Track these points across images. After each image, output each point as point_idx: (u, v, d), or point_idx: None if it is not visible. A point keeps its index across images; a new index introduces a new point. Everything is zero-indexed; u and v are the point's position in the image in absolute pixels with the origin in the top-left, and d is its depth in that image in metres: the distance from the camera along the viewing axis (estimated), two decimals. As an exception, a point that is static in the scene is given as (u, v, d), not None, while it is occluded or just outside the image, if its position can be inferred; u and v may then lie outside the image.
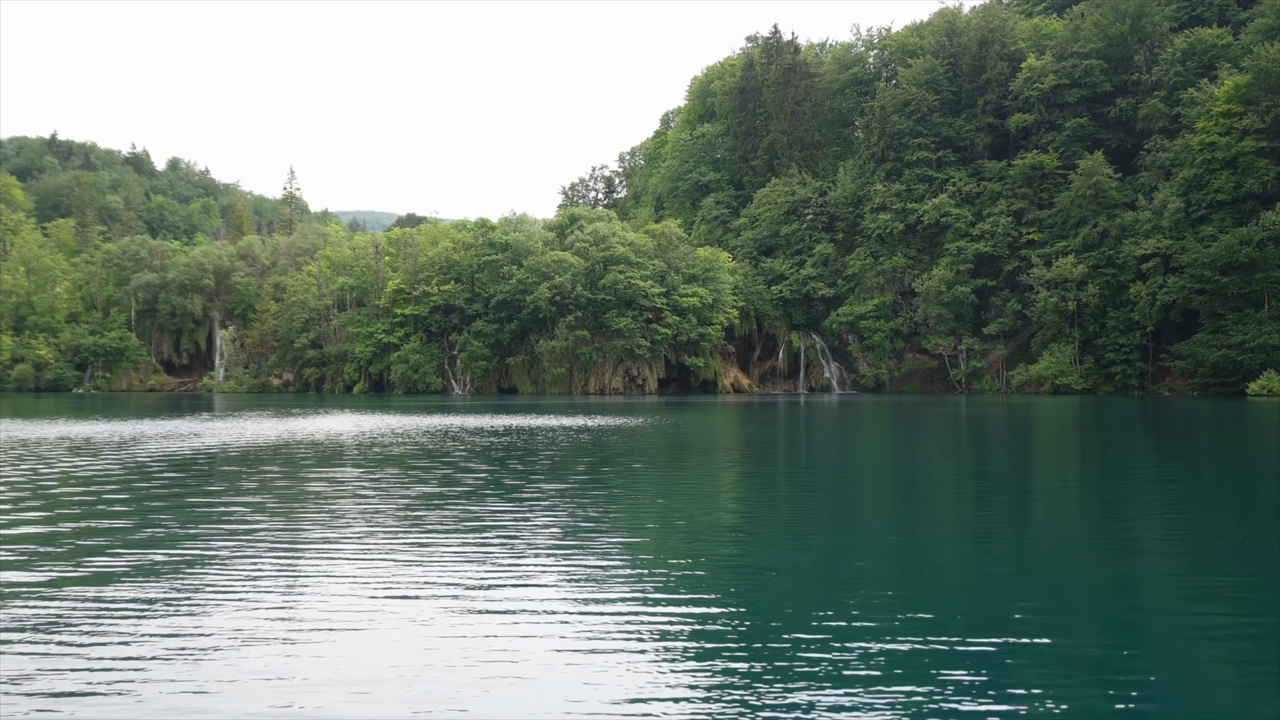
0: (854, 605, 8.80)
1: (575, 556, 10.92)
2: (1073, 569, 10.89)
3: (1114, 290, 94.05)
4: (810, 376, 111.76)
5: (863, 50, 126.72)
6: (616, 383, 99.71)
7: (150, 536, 12.53)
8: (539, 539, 12.16)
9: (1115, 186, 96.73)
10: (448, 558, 10.98)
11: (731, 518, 14.60)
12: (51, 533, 12.94)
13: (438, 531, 12.75)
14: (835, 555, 11.68)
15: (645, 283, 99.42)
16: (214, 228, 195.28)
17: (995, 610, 8.80)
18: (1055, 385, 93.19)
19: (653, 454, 26.45)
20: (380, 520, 13.71)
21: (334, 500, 16.08)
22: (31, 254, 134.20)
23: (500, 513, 14.45)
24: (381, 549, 11.63)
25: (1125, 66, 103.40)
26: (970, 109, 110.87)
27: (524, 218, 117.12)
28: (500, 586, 9.47)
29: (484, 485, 18.16)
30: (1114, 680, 6.81)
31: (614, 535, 12.40)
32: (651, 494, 17.46)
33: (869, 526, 13.94)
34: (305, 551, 11.54)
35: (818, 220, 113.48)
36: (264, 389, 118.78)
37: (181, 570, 10.49)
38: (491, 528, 13.03)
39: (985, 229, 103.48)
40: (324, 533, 12.80)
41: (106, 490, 17.41)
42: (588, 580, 9.73)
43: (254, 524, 13.52)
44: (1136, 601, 9.47)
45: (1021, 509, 15.92)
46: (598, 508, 14.88)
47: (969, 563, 11.13)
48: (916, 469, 23.28)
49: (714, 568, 10.57)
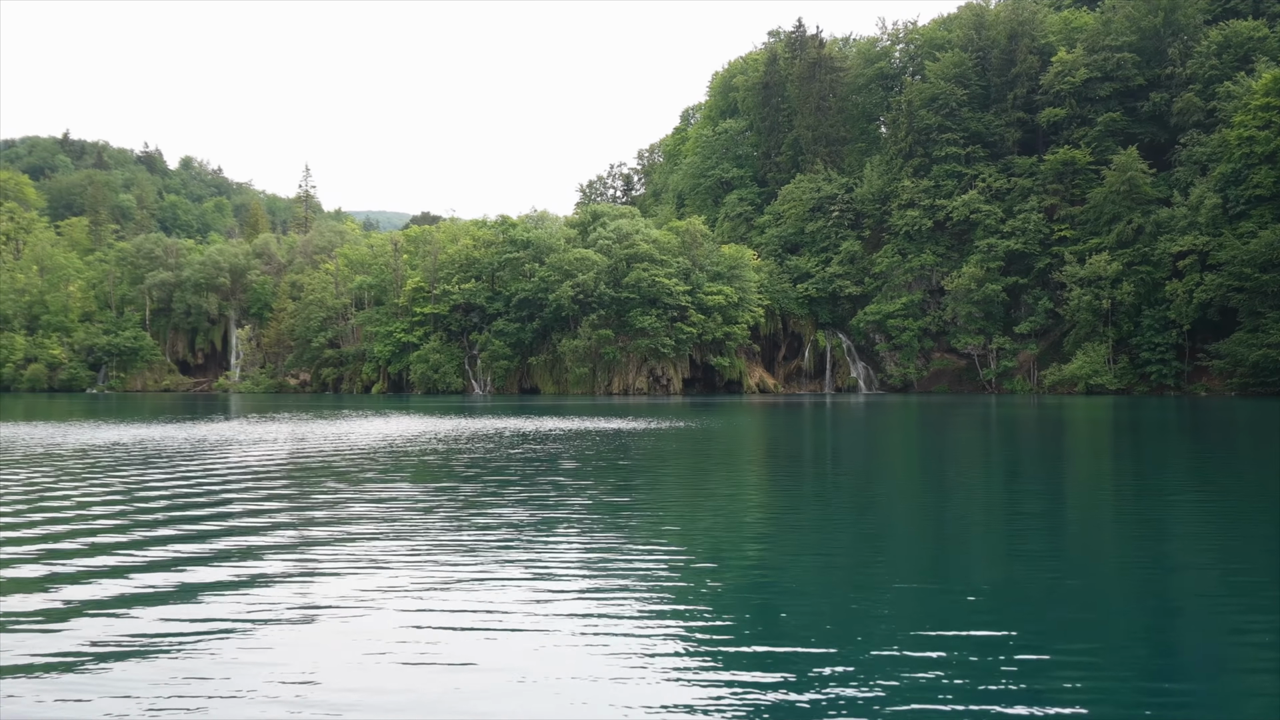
0: (883, 610, 8.75)
1: (605, 567, 10.72)
2: (1109, 579, 10.61)
3: (1149, 288, 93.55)
4: (836, 376, 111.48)
5: (888, 44, 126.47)
6: (640, 383, 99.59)
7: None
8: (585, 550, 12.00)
9: (1149, 182, 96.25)
10: (492, 569, 10.70)
11: (760, 527, 14.20)
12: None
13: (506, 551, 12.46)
14: (872, 562, 11.44)
15: (670, 281, 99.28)
16: (227, 227, 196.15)
17: (1028, 614, 8.70)
18: (1089, 385, 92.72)
19: (700, 460, 26.37)
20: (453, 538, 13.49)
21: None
22: (44, 252, 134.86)
23: (565, 526, 14.33)
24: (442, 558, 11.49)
25: (1158, 60, 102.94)
26: (999, 103, 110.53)
27: (545, 215, 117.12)
28: (550, 602, 9.22)
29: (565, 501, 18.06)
30: (1149, 688, 6.78)
31: (643, 546, 12.07)
32: (683, 503, 17.10)
33: (904, 537, 13.47)
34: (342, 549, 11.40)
35: (844, 217, 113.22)
36: (280, 389, 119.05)
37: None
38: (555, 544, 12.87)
39: (1016, 225, 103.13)
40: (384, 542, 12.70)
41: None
42: (617, 592, 9.52)
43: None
44: (1171, 609, 9.25)
45: (1062, 516, 15.37)
46: (626, 518, 14.46)
47: (1014, 580, 10.72)
48: (955, 475, 22.69)
49: (740, 578, 10.33)
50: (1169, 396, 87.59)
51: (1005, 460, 26.23)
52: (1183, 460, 26.11)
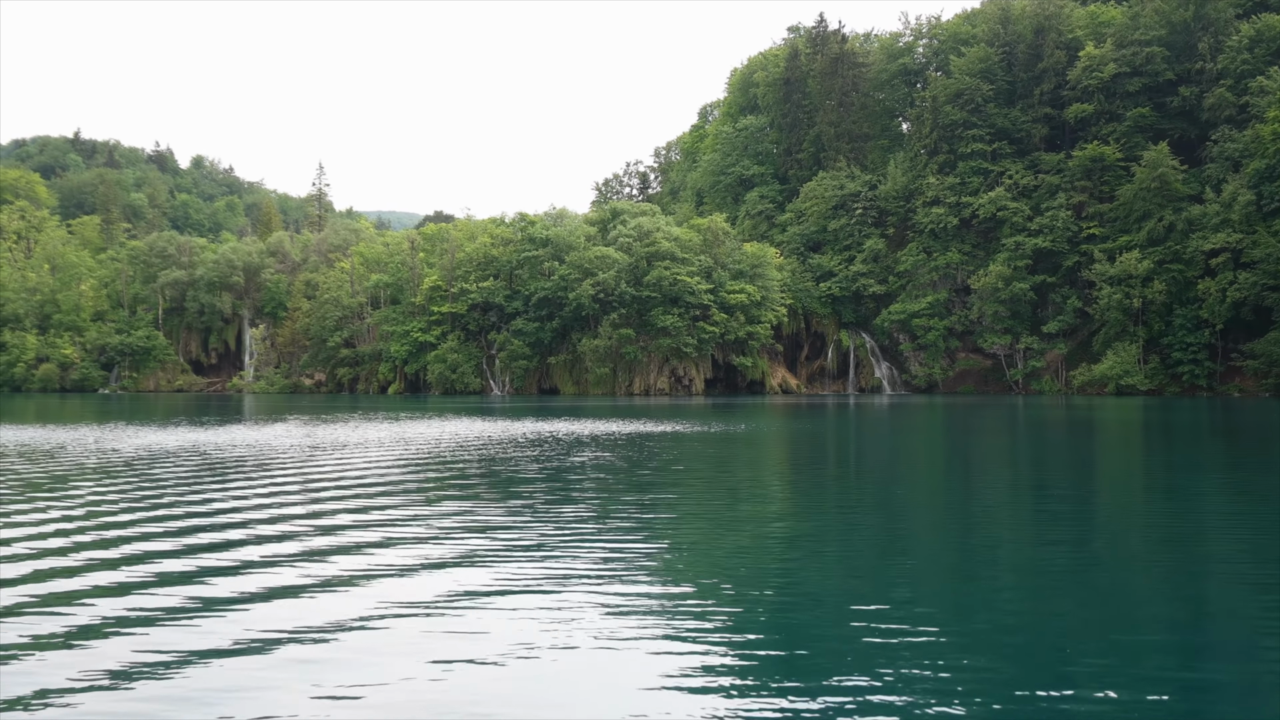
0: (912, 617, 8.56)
1: (630, 575, 10.43)
2: (1142, 590, 10.22)
3: (1181, 286, 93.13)
4: (860, 377, 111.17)
5: (911, 39, 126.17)
6: (662, 383, 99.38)
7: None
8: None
9: (1180, 179, 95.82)
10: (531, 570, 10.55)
11: (788, 534, 13.59)
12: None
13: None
14: (898, 572, 11.00)
15: (691, 279, 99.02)
16: (239, 226, 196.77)
17: (1053, 630, 8.48)
18: (1119, 386, 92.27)
19: (739, 467, 26.12)
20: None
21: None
22: (56, 251, 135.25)
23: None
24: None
25: (1188, 54, 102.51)
26: (1026, 99, 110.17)
27: (564, 212, 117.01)
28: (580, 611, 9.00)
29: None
30: (1179, 702, 6.66)
31: (668, 555, 11.70)
32: (708, 510, 16.66)
33: (932, 546, 12.71)
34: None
35: (867, 215, 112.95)
36: (295, 389, 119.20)
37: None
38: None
39: (1044, 223, 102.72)
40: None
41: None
42: (642, 600, 9.29)
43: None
44: (1209, 625, 8.92)
45: (1096, 524, 14.52)
46: (655, 525, 13.80)
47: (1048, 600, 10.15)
48: (988, 480, 21.62)
49: (764, 587, 9.98)
50: (1201, 397, 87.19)
51: (1045, 465, 25.64)
52: (1219, 463, 25.57)
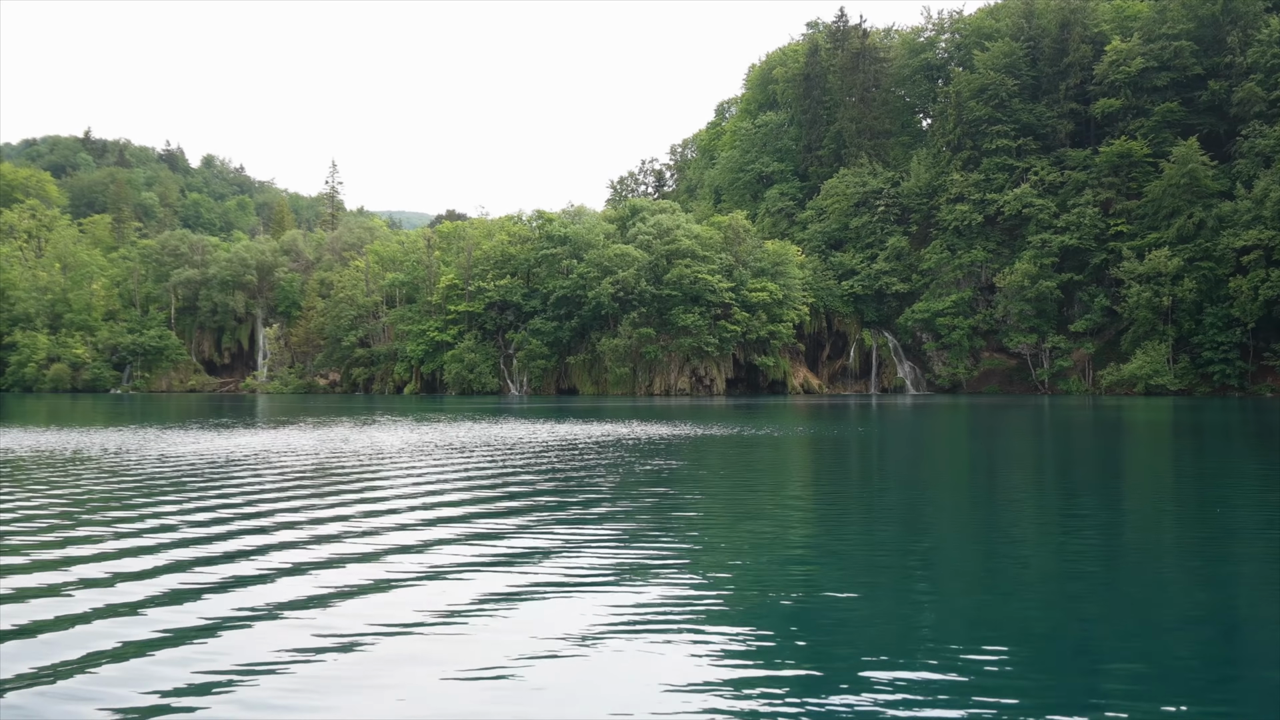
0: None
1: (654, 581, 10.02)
2: (1171, 607, 9.53)
3: (1211, 285, 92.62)
4: (882, 377, 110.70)
5: (933, 34, 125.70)
6: (683, 383, 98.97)
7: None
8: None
9: (1210, 175, 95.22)
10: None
11: (811, 539, 13.00)
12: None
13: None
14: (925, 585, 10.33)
15: (712, 277, 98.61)
16: (250, 225, 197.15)
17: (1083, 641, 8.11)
18: (1149, 386, 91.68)
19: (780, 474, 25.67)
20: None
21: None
22: (67, 250, 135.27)
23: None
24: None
25: (1217, 48, 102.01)
26: (1051, 94, 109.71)
27: (582, 209, 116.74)
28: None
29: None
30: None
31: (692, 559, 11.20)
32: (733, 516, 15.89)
33: (964, 559, 11.81)
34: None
35: (890, 212, 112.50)
36: (309, 390, 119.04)
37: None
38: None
39: (1070, 220, 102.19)
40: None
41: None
42: (664, 606, 8.95)
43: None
44: (1240, 641, 8.49)
45: (1129, 534, 13.54)
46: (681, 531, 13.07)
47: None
48: (1025, 486, 20.19)
49: (787, 597, 9.50)
50: (1232, 398, 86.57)
51: (1085, 469, 24.70)
52: (1257, 466, 24.76)
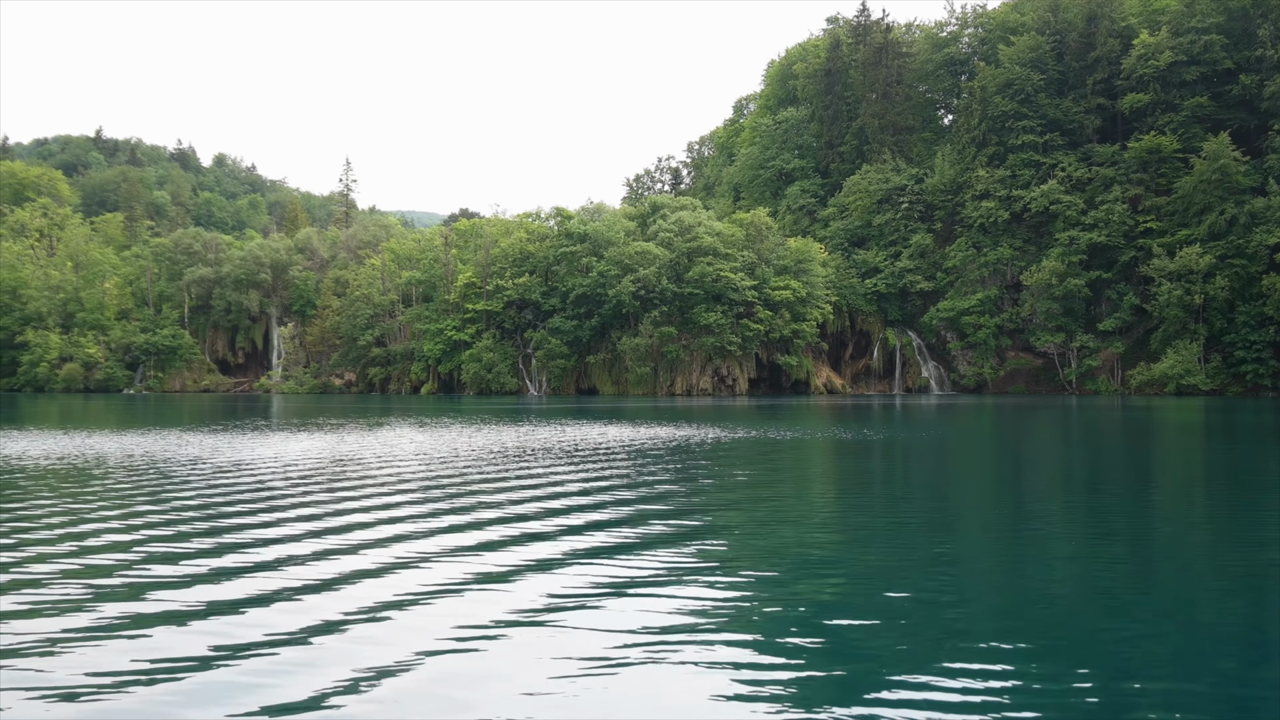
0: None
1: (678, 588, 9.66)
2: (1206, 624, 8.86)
3: (1244, 282, 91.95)
4: (906, 376, 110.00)
5: (956, 29, 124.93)
6: (705, 383, 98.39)
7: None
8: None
9: (1242, 171, 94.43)
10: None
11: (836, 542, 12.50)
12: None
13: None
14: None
15: (735, 275, 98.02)
16: (262, 224, 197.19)
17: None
18: (1180, 386, 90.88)
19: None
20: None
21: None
22: (79, 249, 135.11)
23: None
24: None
25: (1247, 42, 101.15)
26: (1078, 89, 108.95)
27: (601, 207, 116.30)
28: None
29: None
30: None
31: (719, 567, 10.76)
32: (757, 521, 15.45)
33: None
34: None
35: (914, 209, 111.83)
36: (325, 390, 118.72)
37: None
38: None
39: (1098, 217, 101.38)
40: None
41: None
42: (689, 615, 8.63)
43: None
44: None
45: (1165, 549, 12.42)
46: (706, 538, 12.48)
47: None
48: (1071, 495, 19.09)
49: (812, 608, 9.05)
50: (1266, 398, 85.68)
51: (1136, 474, 23.51)
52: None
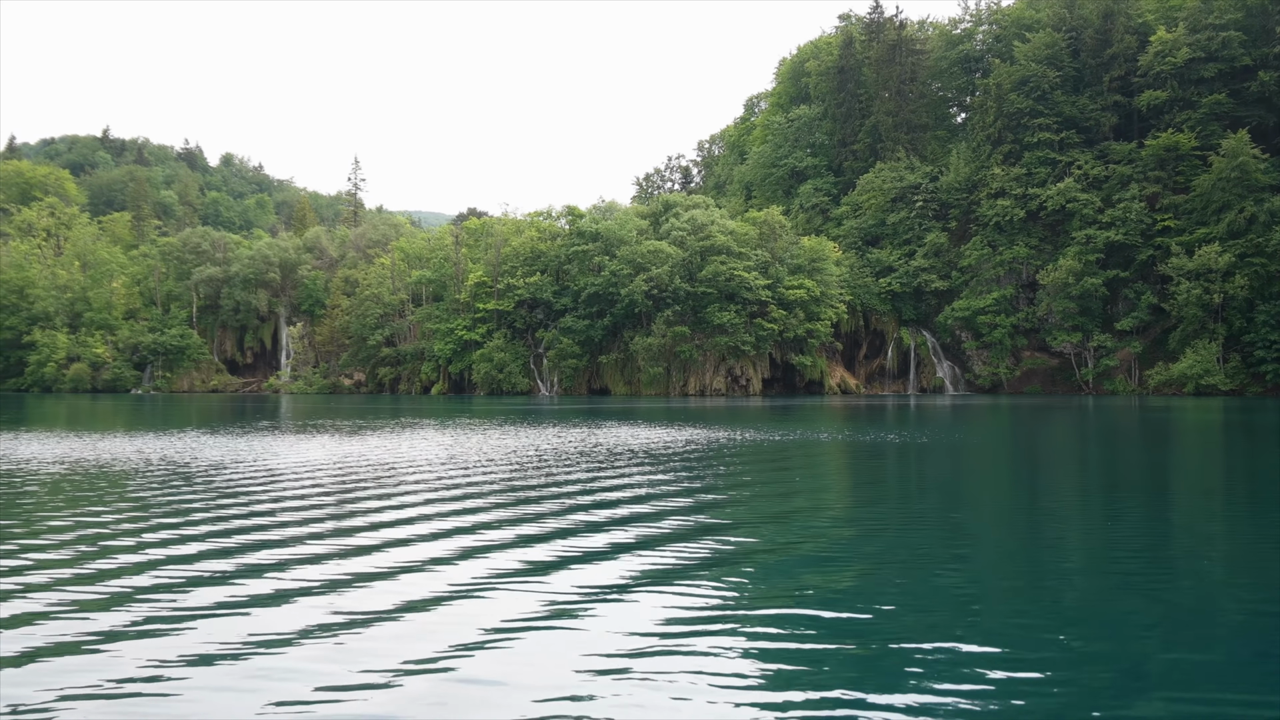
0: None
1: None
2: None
3: (1264, 281, 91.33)
4: (921, 376, 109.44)
5: (970, 25, 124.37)
6: (718, 383, 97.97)
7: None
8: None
9: (1261, 168, 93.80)
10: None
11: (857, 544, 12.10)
12: None
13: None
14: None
15: (748, 274, 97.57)
16: (269, 224, 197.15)
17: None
18: (1199, 386, 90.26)
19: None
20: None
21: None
22: (86, 248, 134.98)
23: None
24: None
25: (1266, 38, 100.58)
26: (1094, 86, 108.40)
27: (613, 205, 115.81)
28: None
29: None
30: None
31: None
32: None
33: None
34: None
35: (928, 207, 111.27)
36: (334, 390, 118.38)
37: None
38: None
39: (1115, 215, 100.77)
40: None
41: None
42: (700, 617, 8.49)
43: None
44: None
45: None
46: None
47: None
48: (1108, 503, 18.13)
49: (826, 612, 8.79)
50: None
51: (1162, 475, 22.91)
52: None
